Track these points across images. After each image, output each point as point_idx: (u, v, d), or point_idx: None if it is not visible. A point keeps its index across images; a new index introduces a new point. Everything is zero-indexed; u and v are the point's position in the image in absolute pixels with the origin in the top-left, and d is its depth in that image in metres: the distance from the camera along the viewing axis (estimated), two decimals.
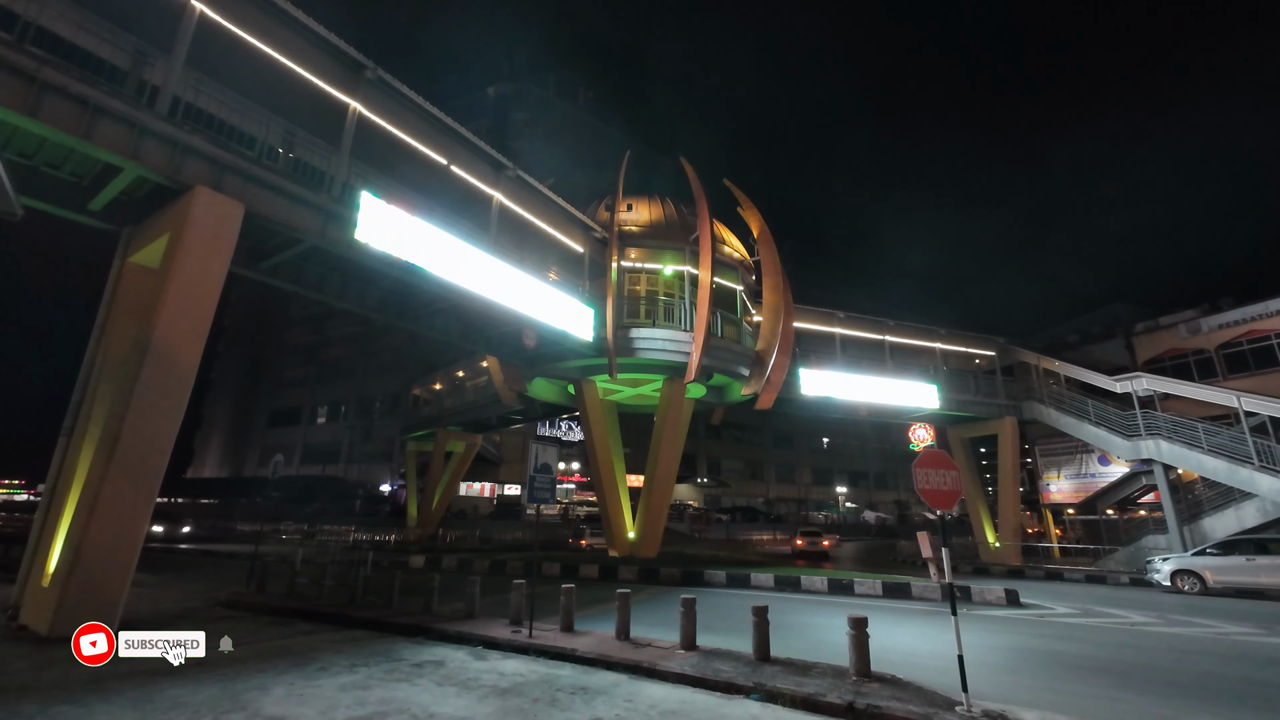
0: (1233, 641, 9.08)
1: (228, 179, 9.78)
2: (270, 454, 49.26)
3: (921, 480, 6.37)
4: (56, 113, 8.09)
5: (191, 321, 9.10)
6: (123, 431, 8.25)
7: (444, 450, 32.32)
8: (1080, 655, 8.14)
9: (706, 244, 18.26)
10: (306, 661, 7.07)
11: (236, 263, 10.66)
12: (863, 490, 67.86)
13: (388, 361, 50.88)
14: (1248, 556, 14.22)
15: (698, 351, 17.59)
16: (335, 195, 11.22)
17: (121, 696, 5.58)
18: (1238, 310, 21.24)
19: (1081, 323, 33.40)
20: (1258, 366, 20.53)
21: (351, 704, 5.57)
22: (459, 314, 17.03)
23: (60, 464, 9.79)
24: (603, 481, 19.60)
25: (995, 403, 25.10)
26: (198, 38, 9.57)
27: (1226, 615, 11.46)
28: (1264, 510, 16.89)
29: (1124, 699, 6.16)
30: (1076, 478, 25.22)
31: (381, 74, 12.09)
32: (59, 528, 8.90)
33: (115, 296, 10.48)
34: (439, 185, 14.46)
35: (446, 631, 8.53)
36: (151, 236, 9.98)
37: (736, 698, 5.99)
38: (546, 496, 9.25)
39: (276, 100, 11.24)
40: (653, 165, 69.27)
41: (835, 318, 24.38)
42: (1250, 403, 18.33)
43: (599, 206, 20.88)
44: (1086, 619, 11.12)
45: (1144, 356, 23.55)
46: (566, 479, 48.26)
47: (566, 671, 6.89)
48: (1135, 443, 20.22)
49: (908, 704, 5.46)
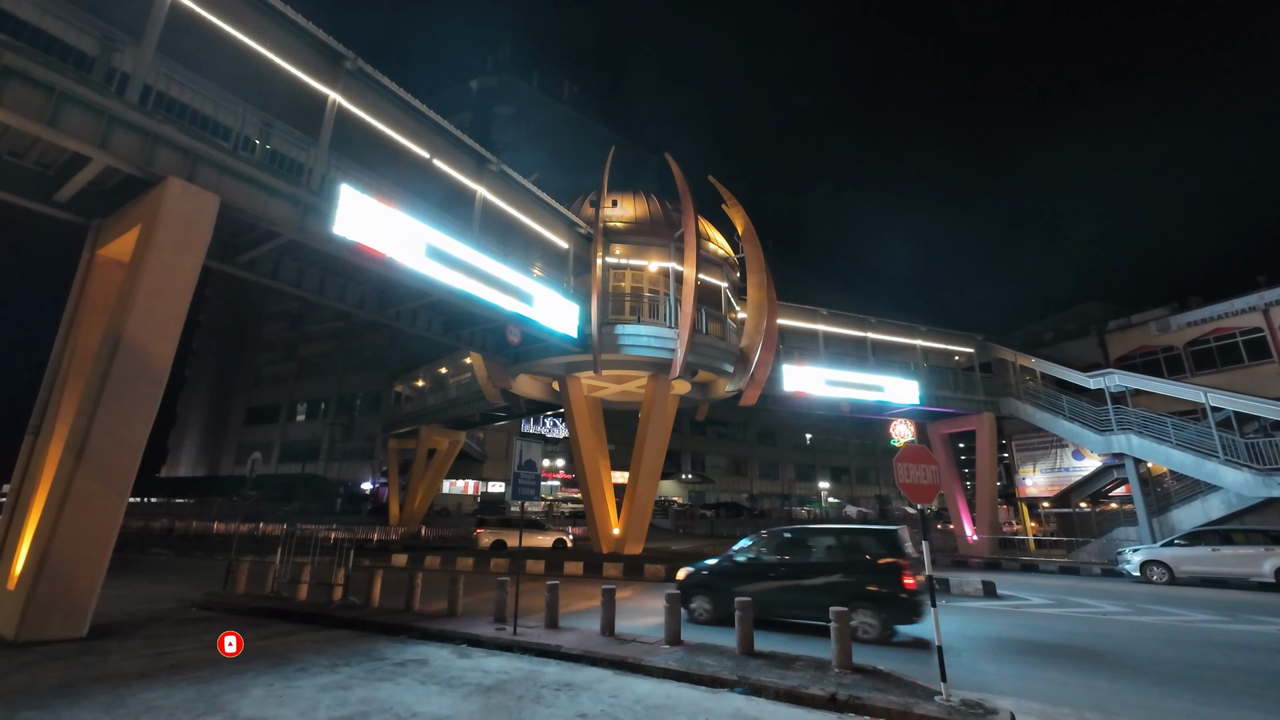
0: (1199, 629, 9.39)
1: (201, 170, 9.52)
2: (247, 452, 48.40)
3: (903, 475, 6.46)
4: (19, 99, 7.79)
5: (164, 317, 8.85)
6: (93, 430, 8.02)
7: (426, 448, 32.01)
8: (1054, 644, 8.35)
9: (691, 240, 18.28)
10: (285, 662, 6.95)
11: (211, 256, 10.40)
12: (845, 486, 68.70)
13: (369, 358, 50.14)
14: (1213, 547, 14.70)
15: (683, 348, 17.61)
16: (314, 188, 10.99)
17: (92, 701, 5.43)
18: (1205, 309, 21.86)
19: (1057, 320, 34.08)
20: (1224, 363, 21.17)
21: (332, 704, 5.49)
22: (442, 310, 16.83)
23: (27, 463, 9.49)
24: (587, 478, 19.56)
25: (974, 398, 25.57)
26: (170, 24, 9.29)
27: (1193, 604, 11.84)
28: (1229, 502, 17.45)
29: (1096, 685, 6.33)
30: (1051, 472, 25.79)
31: (361, 65, 11.86)
32: (25, 529, 8.63)
33: (84, 291, 10.17)
34: (422, 181, 14.26)
35: (429, 630, 8.45)
36: (122, 229, 9.69)
37: (721, 691, 6.03)
38: (531, 493, 9.21)
39: (253, 91, 10.98)
40: (638, 162, 69.22)
41: (818, 315, 24.60)
42: (1216, 398, 18.90)
43: (584, 202, 20.77)
44: (1060, 609, 11.41)
45: (1116, 353, 24.14)
46: (551, 476, 48.11)
47: (551, 668, 6.88)
48: (1107, 437, 20.75)
49: (889, 694, 5.55)
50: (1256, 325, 20.43)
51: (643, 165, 70.85)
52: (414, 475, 32.06)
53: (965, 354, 27.40)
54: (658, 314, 19.10)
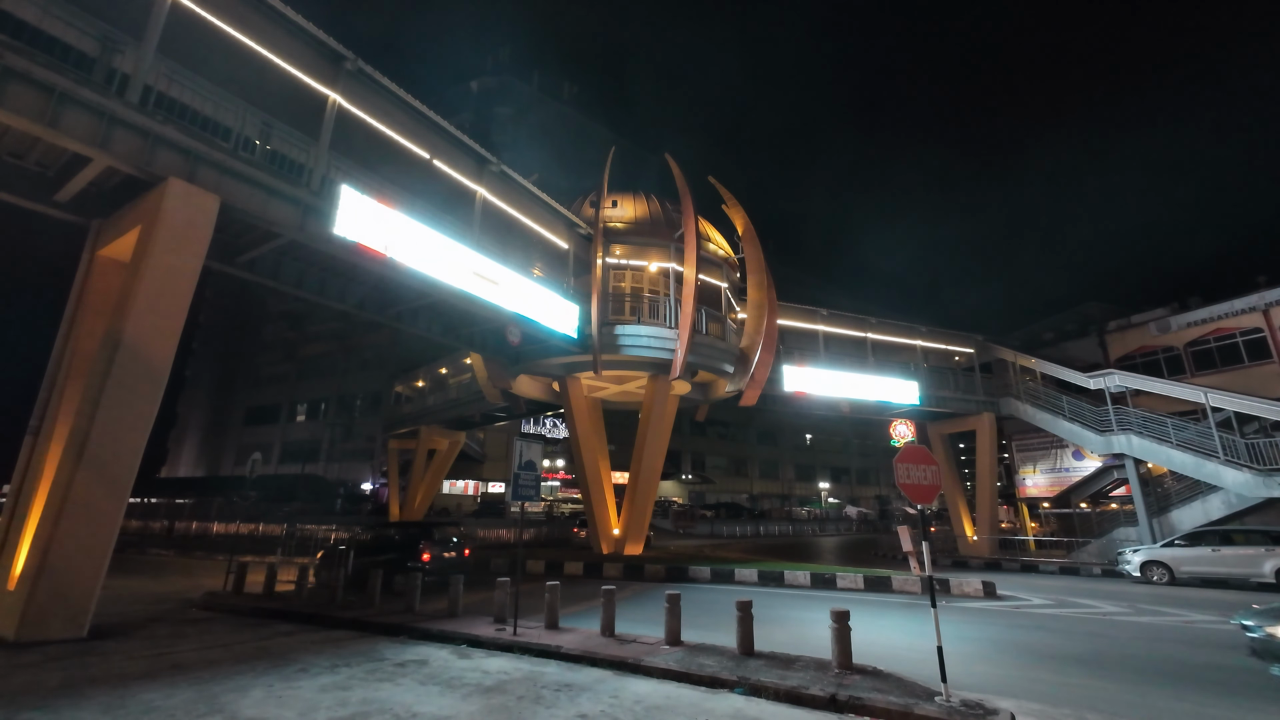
0: (1199, 630, 9.37)
1: (202, 170, 9.53)
2: (248, 452, 48.28)
3: (903, 475, 6.46)
4: (20, 100, 7.80)
5: (165, 317, 8.86)
6: (93, 430, 8.02)
7: (427, 448, 32.02)
8: (1055, 645, 8.35)
9: (691, 241, 18.28)
10: (286, 663, 6.95)
11: (212, 257, 10.40)
12: (845, 486, 68.71)
13: (369, 358, 50.11)
14: (1213, 547, 14.68)
15: (683, 348, 17.61)
16: (314, 188, 11.00)
17: (92, 701, 5.43)
18: (1205, 309, 21.85)
19: (1057, 321, 34.05)
20: (1223, 363, 21.16)
21: (332, 705, 5.49)
22: (442, 311, 16.85)
23: (27, 464, 9.50)
24: (588, 479, 19.57)
25: (974, 399, 25.57)
26: (170, 25, 9.30)
27: (1193, 604, 11.83)
28: (1229, 502, 17.44)
29: (1096, 686, 6.33)
30: (1051, 472, 25.79)
31: (361, 65, 11.87)
32: (25, 529, 8.63)
33: (84, 291, 10.18)
34: (422, 181, 14.27)
35: (429, 630, 8.45)
36: (122, 229, 9.71)
37: (721, 692, 6.03)
38: (531, 494, 9.21)
39: (254, 91, 10.96)
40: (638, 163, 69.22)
41: (818, 315, 24.60)
42: (1216, 398, 18.90)
43: (584, 203, 20.78)
44: (1061, 609, 11.40)
45: (1116, 354, 24.13)
46: (551, 476, 48.10)
47: (551, 669, 6.88)
48: (1108, 438, 20.74)
49: (889, 695, 5.55)
50: (1256, 325, 20.43)
51: (643, 166, 70.85)
52: (414, 475, 32.07)
53: (965, 354, 27.40)
54: (658, 314, 19.10)
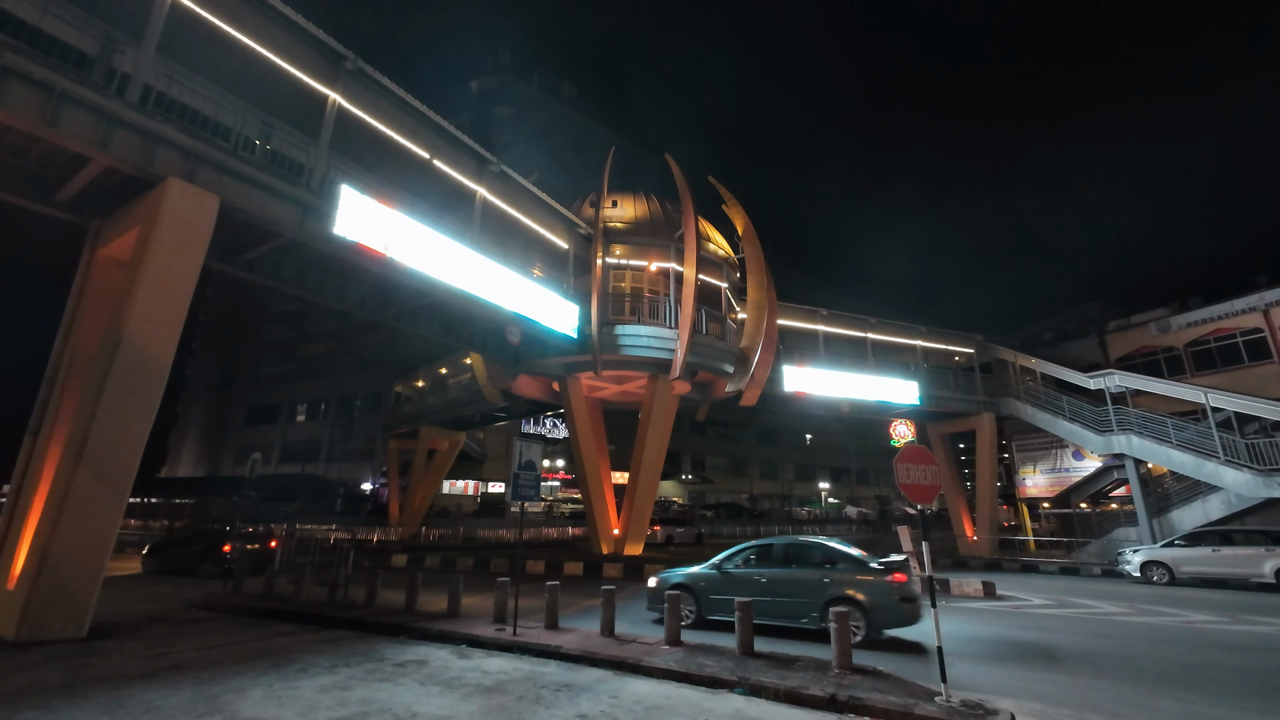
0: (1199, 630, 9.37)
1: (202, 170, 9.52)
2: (247, 452, 48.34)
3: (903, 475, 6.45)
4: (19, 99, 7.79)
5: (164, 317, 8.85)
6: (92, 430, 8.01)
7: (426, 448, 31.98)
8: (1055, 645, 8.35)
9: (691, 241, 18.27)
10: (285, 663, 6.94)
11: (211, 256, 10.39)
12: (845, 486, 68.65)
13: (369, 359, 50.10)
14: (1213, 547, 14.68)
15: (683, 348, 17.60)
16: (314, 188, 10.99)
17: (91, 702, 5.43)
18: (1205, 309, 21.84)
19: (1057, 321, 34.05)
20: (1224, 364, 21.15)
21: (332, 705, 5.49)
22: (442, 310, 16.83)
23: (26, 464, 9.49)
24: (587, 479, 19.55)
25: (974, 399, 25.55)
26: (170, 25, 9.29)
27: (1193, 605, 11.83)
28: (1229, 503, 17.43)
29: (1097, 687, 6.33)
30: (1051, 472, 25.77)
31: (361, 65, 11.86)
32: (25, 529, 8.63)
33: (84, 291, 10.17)
34: (422, 181, 14.26)
35: (429, 630, 8.45)
36: (122, 229, 9.70)
37: (721, 692, 6.03)
38: (531, 494, 9.20)
39: (253, 91, 10.98)
40: (638, 163, 69.16)
41: (819, 315, 24.59)
42: (1216, 399, 18.89)
43: (584, 203, 20.77)
44: (1061, 610, 11.40)
45: (1116, 354, 24.12)
46: (551, 476, 48.08)
47: (551, 669, 6.87)
48: (1108, 438, 20.73)
49: (889, 695, 5.54)
50: (1257, 325, 20.43)
51: (643, 166, 70.79)
52: (414, 475, 32.04)
53: (965, 354, 27.38)
54: (658, 314, 19.09)
